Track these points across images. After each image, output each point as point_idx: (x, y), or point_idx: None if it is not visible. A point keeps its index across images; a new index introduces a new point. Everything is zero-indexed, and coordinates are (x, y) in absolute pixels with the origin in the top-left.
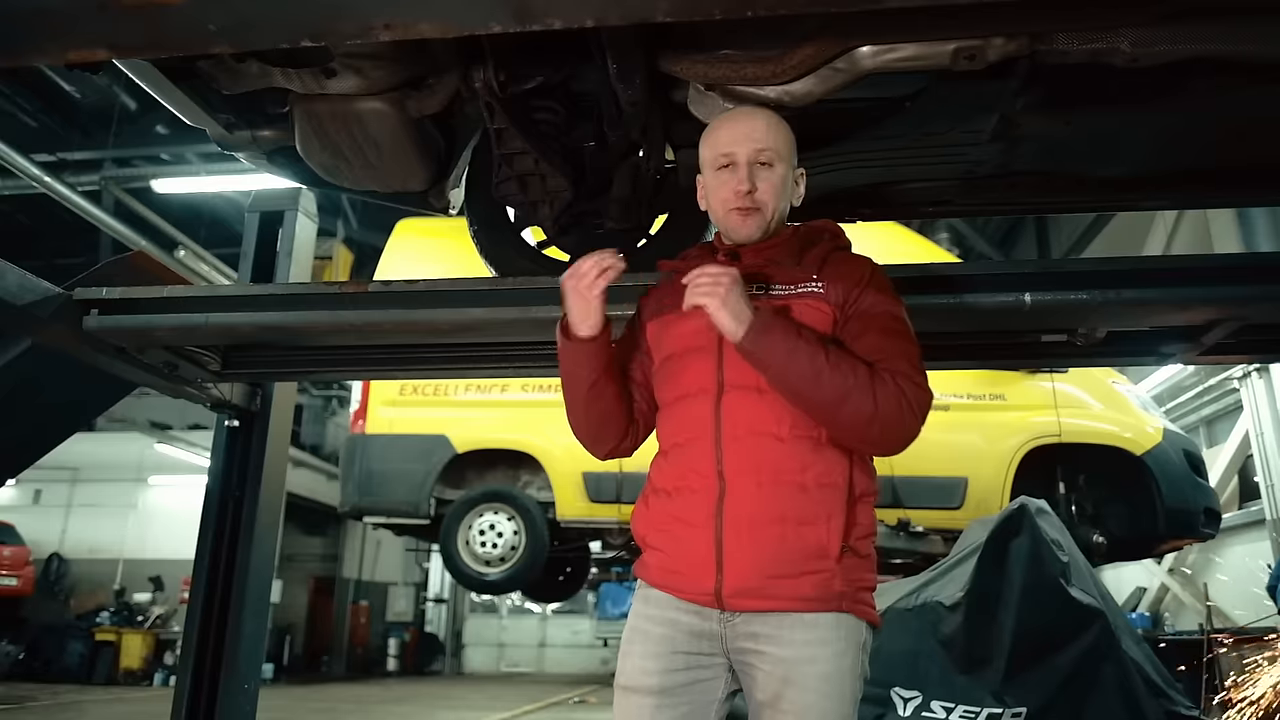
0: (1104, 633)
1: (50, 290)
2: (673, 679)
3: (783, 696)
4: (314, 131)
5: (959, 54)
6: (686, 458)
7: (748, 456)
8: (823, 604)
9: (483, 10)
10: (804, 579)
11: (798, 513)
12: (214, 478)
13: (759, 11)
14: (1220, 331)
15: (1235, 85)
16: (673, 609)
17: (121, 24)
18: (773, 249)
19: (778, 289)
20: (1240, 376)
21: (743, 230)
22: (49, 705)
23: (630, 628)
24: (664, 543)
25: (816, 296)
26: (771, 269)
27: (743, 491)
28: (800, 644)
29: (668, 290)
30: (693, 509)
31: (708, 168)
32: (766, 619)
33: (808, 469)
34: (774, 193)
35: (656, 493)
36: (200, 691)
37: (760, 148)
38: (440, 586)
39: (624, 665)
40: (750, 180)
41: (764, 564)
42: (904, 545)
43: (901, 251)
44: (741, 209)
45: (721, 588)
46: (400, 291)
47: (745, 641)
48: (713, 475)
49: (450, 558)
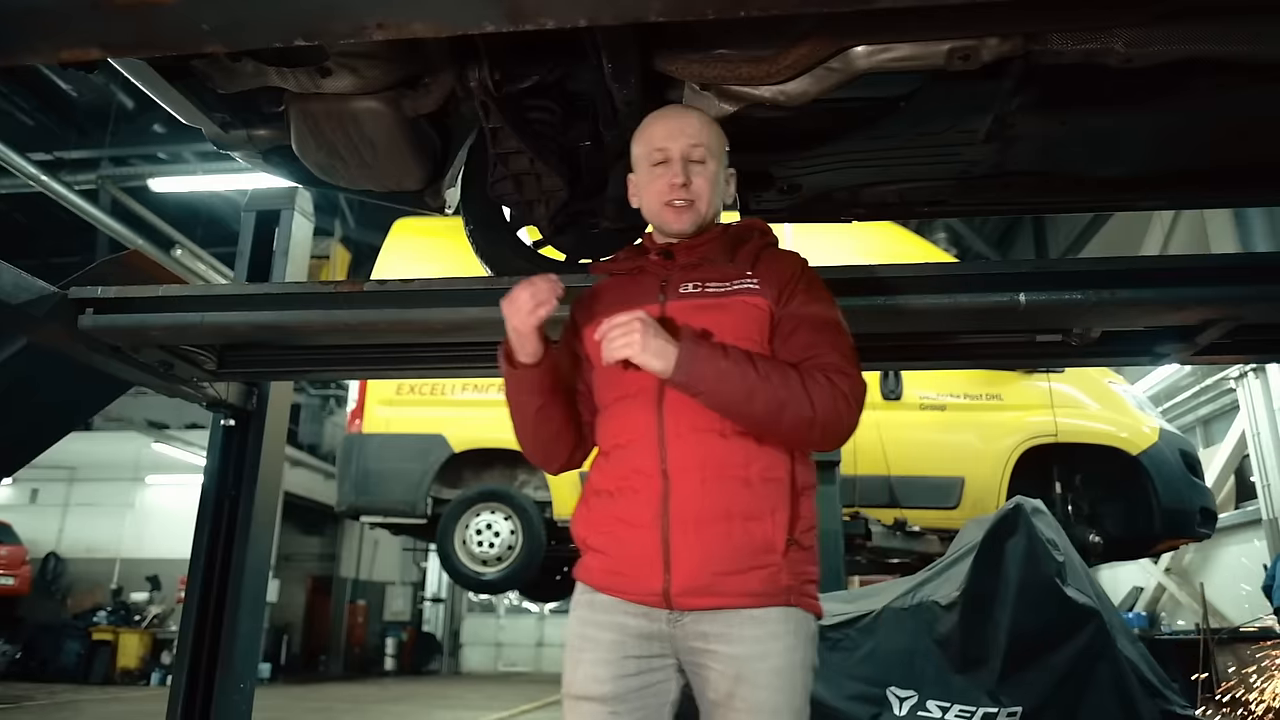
0: (1099, 632)
1: (45, 289)
2: (625, 684)
3: (735, 694)
4: (309, 131)
5: (953, 54)
6: (629, 458)
7: (691, 454)
8: (770, 598)
9: (475, 10)
10: (751, 574)
11: (743, 508)
12: (210, 477)
13: (752, 11)
14: (1215, 331)
15: (1230, 85)
16: (620, 613)
17: (114, 23)
18: (705, 246)
19: (713, 286)
20: (1237, 377)
21: (676, 225)
22: (45, 705)
23: (577, 635)
24: (606, 544)
25: (752, 292)
26: (705, 266)
27: (687, 489)
28: (751, 640)
29: (604, 293)
30: (636, 509)
31: (641, 164)
32: (715, 617)
33: (751, 464)
34: (708, 188)
35: (597, 494)
36: (196, 691)
37: (694, 143)
38: (438, 586)
39: (574, 674)
40: (685, 174)
41: (711, 561)
42: (900, 545)
43: (898, 251)
44: (676, 203)
45: (670, 587)
46: (396, 291)
47: (695, 641)
48: (656, 474)
49: (447, 557)
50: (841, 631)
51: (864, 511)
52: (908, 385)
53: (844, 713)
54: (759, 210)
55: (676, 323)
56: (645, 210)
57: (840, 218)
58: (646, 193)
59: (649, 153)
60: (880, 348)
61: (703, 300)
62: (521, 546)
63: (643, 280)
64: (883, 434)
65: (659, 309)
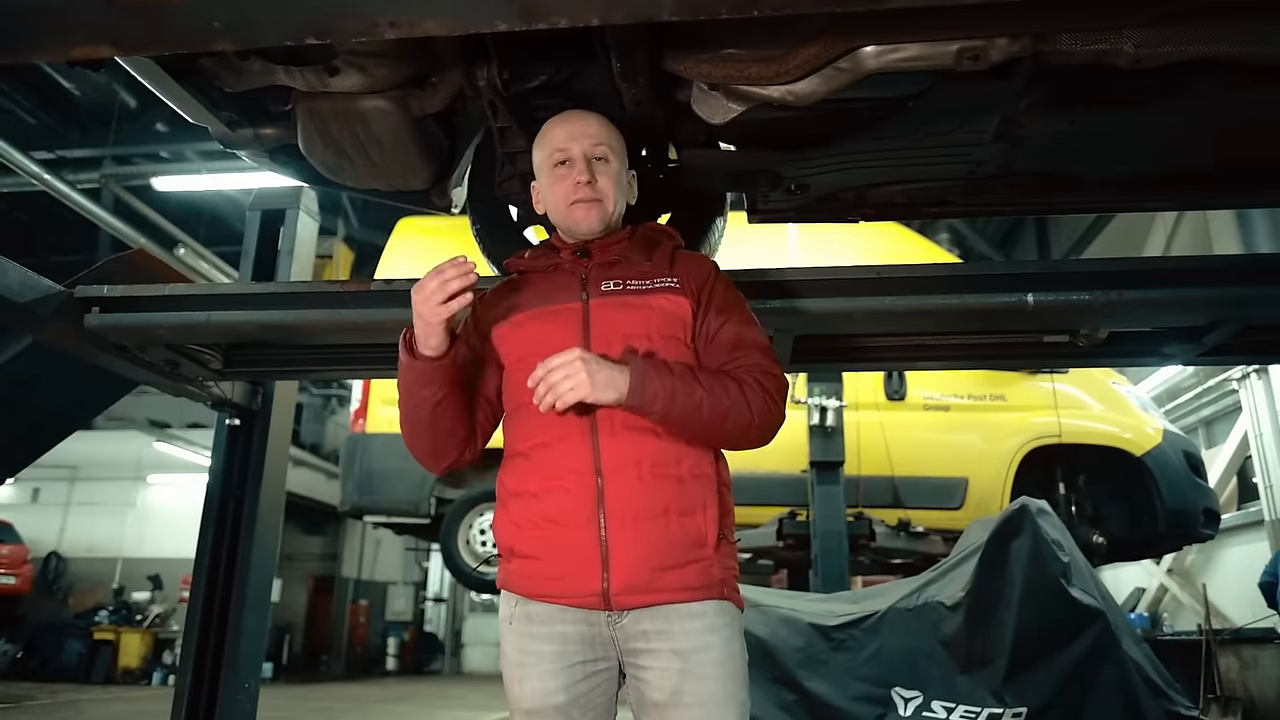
0: (1104, 633)
1: (51, 288)
2: (576, 690)
3: (683, 690)
4: (317, 130)
5: (962, 54)
6: (556, 457)
7: (627, 451)
8: (706, 591)
9: (488, 8)
10: (688, 569)
11: (679, 504)
12: (215, 476)
13: (765, 11)
14: (1222, 333)
15: (1239, 86)
16: (559, 622)
17: (124, 21)
18: (620, 245)
19: (634, 283)
20: (1239, 378)
21: (585, 223)
22: (47, 704)
23: (516, 649)
24: (538, 549)
25: (673, 291)
26: (623, 264)
27: (624, 486)
28: (692, 634)
29: (514, 290)
30: (569, 508)
31: (544, 168)
32: (655, 613)
33: (682, 461)
34: (612, 186)
35: (518, 496)
36: (200, 691)
37: (595, 143)
38: (440, 586)
39: (521, 689)
40: (589, 172)
41: (651, 557)
42: (904, 545)
43: (902, 252)
44: (583, 200)
45: (609, 587)
46: (403, 290)
47: (636, 641)
48: (590, 472)
49: (451, 557)
50: (846, 632)
51: (868, 512)
52: (911, 385)
53: (849, 713)
54: (766, 210)
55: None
56: (552, 213)
57: (847, 218)
58: (552, 195)
59: (550, 154)
60: (887, 348)
61: (625, 297)
62: None
63: (558, 278)
64: (887, 434)
65: (581, 306)
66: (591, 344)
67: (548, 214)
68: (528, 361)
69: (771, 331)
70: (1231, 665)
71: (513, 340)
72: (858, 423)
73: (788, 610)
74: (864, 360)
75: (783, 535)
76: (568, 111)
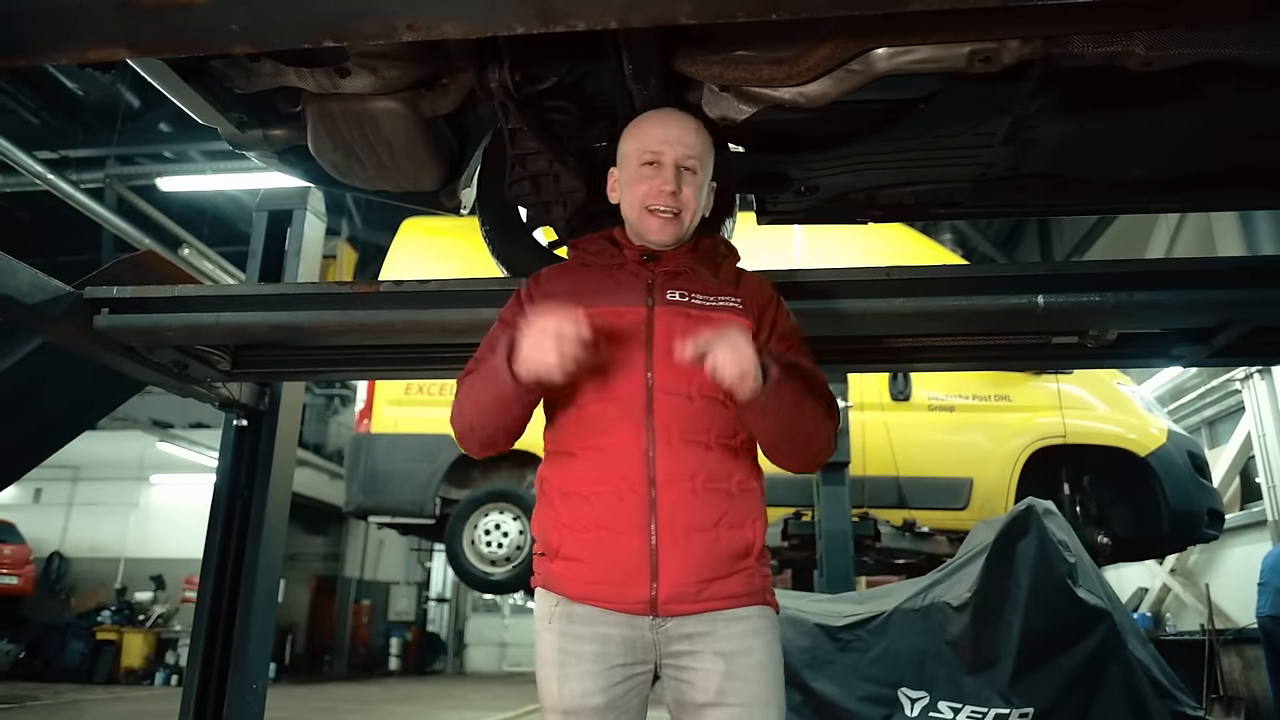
0: (1110, 633)
1: (61, 289)
2: (614, 693)
3: (726, 690)
4: (327, 131)
5: (974, 56)
6: (611, 462)
7: (683, 464)
8: (750, 598)
9: (507, 11)
10: (733, 579)
11: (729, 518)
12: (222, 477)
13: (783, 14)
14: (1230, 334)
15: (1249, 89)
16: (601, 624)
17: (142, 24)
18: (685, 255)
19: (699, 297)
20: (1242, 378)
21: (658, 235)
22: (50, 704)
23: (556, 649)
24: (586, 552)
25: (737, 312)
26: (689, 276)
27: (677, 498)
28: (736, 637)
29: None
30: (622, 516)
31: (629, 162)
32: (700, 618)
33: (732, 475)
34: (694, 200)
35: (567, 496)
36: (208, 692)
37: (688, 153)
38: (442, 586)
39: (560, 689)
40: (675, 181)
41: (699, 569)
42: (909, 546)
43: (907, 252)
44: (662, 211)
45: (657, 595)
46: (412, 292)
47: (679, 644)
48: (644, 482)
49: (455, 557)
50: (853, 633)
51: (873, 512)
52: (916, 386)
53: (856, 713)
54: (776, 212)
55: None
56: (626, 209)
57: (856, 219)
58: (631, 192)
59: (640, 152)
60: (896, 349)
61: (691, 310)
62: (530, 547)
63: (621, 277)
64: (891, 435)
65: (646, 312)
66: (655, 354)
67: (621, 207)
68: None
69: None
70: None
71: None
72: (863, 423)
73: (794, 611)
74: (872, 361)
75: (788, 535)
76: (666, 111)
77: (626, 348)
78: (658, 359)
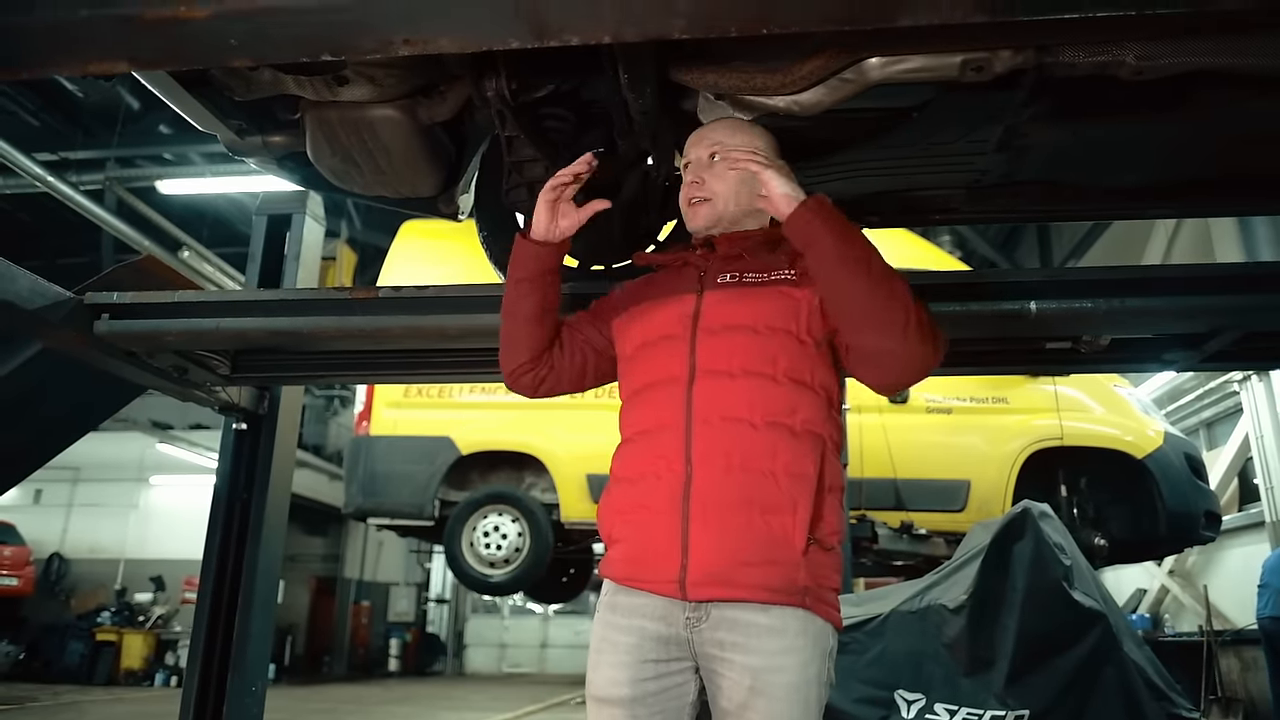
0: (1106, 635)
1: (61, 294)
2: (643, 688)
3: (749, 706)
4: (325, 138)
5: (966, 66)
6: (654, 444)
7: (718, 442)
8: (787, 596)
9: (502, 26)
10: (769, 568)
11: (764, 500)
12: (221, 480)
13: (773, 29)
14: (1223, 340)
15: (1240, 97)
16: (639, 617)
17: (143, 37)
18: (746, 239)
19: (750, 276)
20: (1240, 380)
21: (693, 220)
22: (49, 705)
23: (598, 637)
24: (628, 532)
25: (791, 284)
26: (745, 258)
27: (709, 476)
28: (768, 653)
29: (644, 285)
30: (656, 494)
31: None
32: (735, 623)
33: (777, 456)
34: (723, 184)
35: (619, 482)
36: (208, 694)
37: (710, 146)
38: (442, 587)
39: (594, 676)
40: (698, 174)
41: (730, 549)
42: (907, 548)
43: (908, 255)
44: (692, 200)
45: (686, 575)
46: (410, 297)
47: (712, 648)
48: (680, 460)
49: (454, 559)
50: (849, 635)
51: (870, 514)
52: (914, 388)
53: (852, 715)
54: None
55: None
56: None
57: None
58: (682, 198)
59: (683, 166)
60: None
61: (739, 289)
62: (529, 548)
63: (685, 272)
64: (889, 437)
65: (695, 298)
66: (698, 334)
67: None
68: (642, 351)
69: None
70: (1232, 666)
71: (627, 330)
72: (860, 425)
73: None
74: None
75: None
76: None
77: (671, 330)
78: (700, 338)
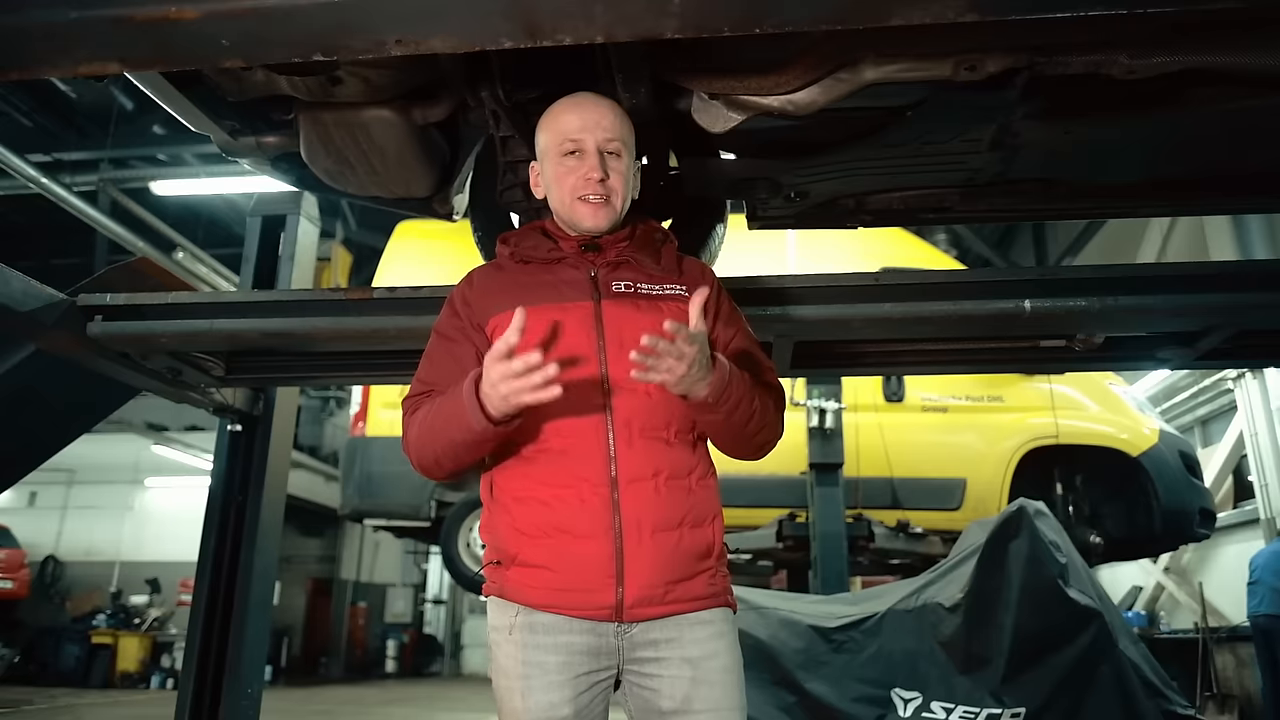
0: (1101, 633)
1: (54, 296)
2: (581, 702)
3: (694, 697)
4: (319, 138)
5: (959, 65)
6: (568, 464)
7: (645, 461)
8: (712, 600)
9: (494, 27)
10: (697, 580)
11: (692, 515)
12: (217, 481)
13: (766, 29)
14: (1215, 338)
15: (1234, 95)
16: (565, 633)
17: (134, 38)
18: (625, 244)
19: (644, 286)
20: (1235, 377)
21: (591, 221)
22: (45, 709)
23: (519, 661)
24: (548, 559)
25: (682, 299)
26: (632, 265)
27: (641, 497)
28: (701, 641)
29: (512, 278)
30: (584, 519)
31: (550, 154)
32: (665, 623)
33: (692, 470)
34: (622, 184)
35: (523, 501)
36: (203, 696)
37: (609, 137)
38: (439, 588)
39: (524, 702)
40: (602, 168)
41: (665, 570)
42: (903, 546)
43: (903, 255)
44: (591, 198)
45: (623, 600)
46: (405, 298)
47: (644, 650)
48: (605, 483)
49: (451, 560)
50: (846, 633)
51: (867, 513)
52: (910, 387)
53: (849, 714)
54: (766, 217)
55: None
56: (555, 202)
57: (846, 224)
58: (558, 185)
59: (560, 142)
60: (886, 353)
61: (638, 300)
62: None
63: (563, 272)
64: (885, 436)
65: (593, 306)
66: (607, 345)
67: (548, 200)
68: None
69: (772, 337)
70: (1228, 663)
71: None
72: (856, 424)
73: (787, 612)
74: (863, 365)
75: (782, 537)
76: (580, 95)
77: (577, 345)
78: (610, 353)
